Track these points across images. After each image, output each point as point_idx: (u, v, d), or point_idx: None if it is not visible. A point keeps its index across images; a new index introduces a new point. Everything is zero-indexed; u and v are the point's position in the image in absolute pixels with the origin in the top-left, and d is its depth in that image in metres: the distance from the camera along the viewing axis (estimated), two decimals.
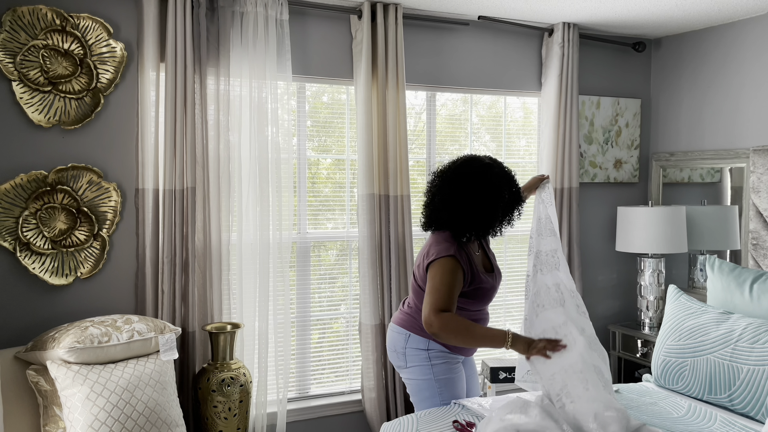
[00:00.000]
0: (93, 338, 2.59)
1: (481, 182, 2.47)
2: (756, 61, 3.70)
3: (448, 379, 2.61)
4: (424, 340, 2.59)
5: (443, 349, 2.60)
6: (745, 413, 2.58)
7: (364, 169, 3.44)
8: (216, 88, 3.16)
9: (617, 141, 4.25)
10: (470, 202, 2.46)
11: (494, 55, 3.88)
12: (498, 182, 2.49)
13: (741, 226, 3.78)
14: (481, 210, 2.47)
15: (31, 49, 2.83)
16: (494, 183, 2.48)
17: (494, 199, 2.47)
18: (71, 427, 2.50)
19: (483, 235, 2.54)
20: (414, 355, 2.61)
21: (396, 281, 3.48)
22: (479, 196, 2.46)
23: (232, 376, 2.99)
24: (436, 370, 2.59)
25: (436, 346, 2.59)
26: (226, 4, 3.15)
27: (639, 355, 3.92)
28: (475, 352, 2.77)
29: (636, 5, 3.50)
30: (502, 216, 2.53)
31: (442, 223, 2.53)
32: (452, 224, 2.49)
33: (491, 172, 2.50)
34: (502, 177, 2.51)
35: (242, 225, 3.22)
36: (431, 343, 2.58)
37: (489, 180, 2.48)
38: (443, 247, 2.46)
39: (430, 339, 2.58)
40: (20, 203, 2.84)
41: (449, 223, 2.50)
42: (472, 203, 2.46)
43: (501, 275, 2.70)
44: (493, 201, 2.47)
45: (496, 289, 2.65)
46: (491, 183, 2.48)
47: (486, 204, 2.47)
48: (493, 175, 2.50)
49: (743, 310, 2.87)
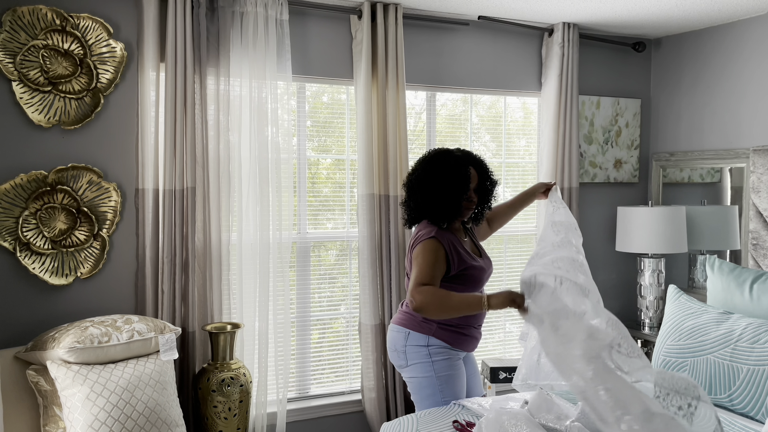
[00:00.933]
0: (93, 338, 2.59)
1: (438, 163, 2.63)
2: (756, 61, 3.70)
3: (449, 376, 2.62)
4: (423, 337, 2.61)
5: (444, 345, 2.61)
6: (745, 413, 2.58)
7: (364, 169, 3.44)
8: (216, 88, 3.16)
9: (617, 141, 4.26)
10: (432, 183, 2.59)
11: (494, 55, 3.88)
12: (455, 160, 2.62)
13: (741, 226, 3.78)
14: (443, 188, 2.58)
15: (31, 49, 2.83)
16: (451, 162, 2.62)
17: (454, 176, 2.59)
18: (71, 427, 2.50)
19: (455, 214, 2.62)
20: (414, 353, 2.62)
21: (396, 281, 3.48)
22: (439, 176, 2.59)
23: (232, 376, 2.99)
24: (437, 367, 2.60)
25: (436, 342, 2.60)
26: (226, 4, 3.15)
27: None
28: (476, 348, 2.78)
29: (636, 5, 3.50)
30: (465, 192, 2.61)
31: (418, 214, 2.66)
32: (424, 211, 2.62)
33: (448, 153, 2.66)
34: (459, 158, 2.65)
35: (242, 225, 3.22)
36: (431, 338, 2.60)
37: (446, 160, 2.63)
38: (424, 233, 2.59)
39: (430, 335, 2.60)
40: (20, 203, 2.84)
41: (422, 211, 2.63)
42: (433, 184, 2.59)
43: (491, 262, 2.79)
44: (453, 178, 2.59)
45: (487, 272, 2.72)
46: (448, 163, 2.62)
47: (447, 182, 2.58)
48: (449, 155, 2.65)
49: (743, 310, 2.87)
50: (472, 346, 2.72)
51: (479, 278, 2.66)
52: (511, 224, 4.06)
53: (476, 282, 2.65)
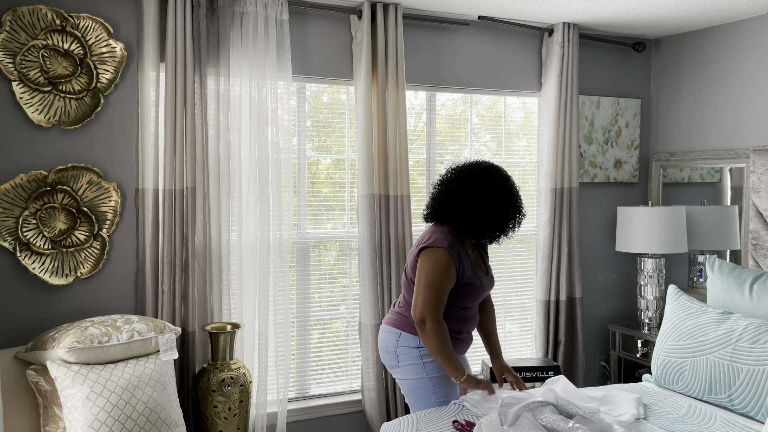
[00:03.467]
0: (93, 338, 2.59)
1: (500, 192, 2.58)
2: (756, 61, 3.70)
3: (441, 378, 2.61)
4: (415, 338, 2.61)
5: None
6: (745, 413, 2.58)
7: (364, 169, 3.44)
8: (216, 88, 3.17)
9: (617, 141, 4.26)
10: (485, 208, 2.54)
11: (494, 55, 3.88)
12: (513, 196, 2.61)
13: (741, 226, 3.78)
14: (493, 218, 2.56)
15: (31, 49, 2.83)
16: (511, 196, 2.60)
17: (507, 210, 2.57)
18: (71, 427, 2.50)
19: (483, 238, 2.62)
20: (406, 354, 2.62)
21: (396, 281, 3.48)
22: (496, 205, 2.56)
23: (232, 376, 2.99)
24: (428, 368, 2.60)
25: None
26: (226, 4, 3.15)
27: (639, 355, 3.92)
28: (467, 351, 2.79)
29: (636, 5, 3.50)
30: (506, 227, 2.61)
31: (448, 219, 2.59)
32: (459, 223, 2.56)
33: (509, 185, 2.62)
34: (515, 192, 2.63)
35: (242, 225, 3.22)
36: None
37: (508, 192, 2.59)
38: (440, 237, 2.54)
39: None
40: (20, 203, 2.84)
41: (457, 221, 2.57)
42: (486, 210, 2.54)
43: (493, 281, 2.76)
44: (505, 212, 2.57)
45: (486, 289, 2.70)
46: (509, 195, 2.59)
47: (498, 214, 2.56)
48: (511, 187, 2.62)
49: (743, 310, 2.87)
50: (464, 349, 2.72)
51: (477, 295, 2.65)
52: None
53: (472, 298, 2.64)
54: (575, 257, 3.96)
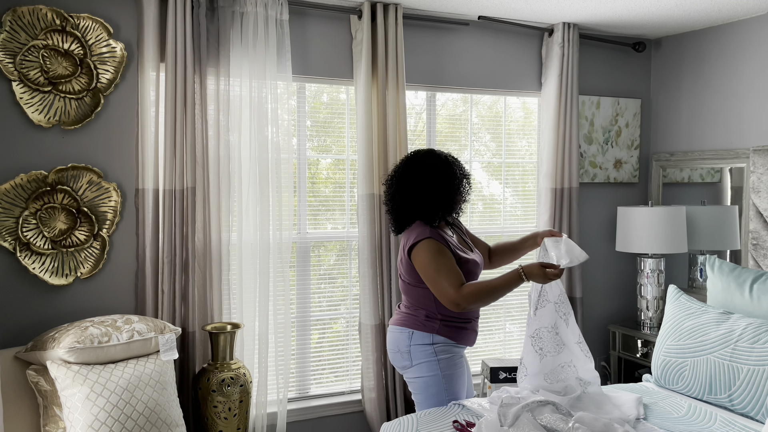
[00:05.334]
0: (93, 338, 2.59)
1: (430, 166, 2.63)
2: (756, 61, 3.70)
3: (453, 375, 2.63)
4: (428, 335, 2.61)
5: (448, 341, 2.62)
6: (745, 413, 2.58)
7: (364, 169, 3.44)
8: (216, 88, 3.17)
9: (617, 141, 4.26)
10: (427, 184, 2.61)
11: (494, 55, 3.88)
12: (444, 161, 2.66)
13: (741, 226, 3.78)
14: (438, 188, 2.61)
15: (31, 49, 2.83)
16: (441, 163, 2.65)
17: (446, 176, 2.63)
18: (71, 427, 2.50)
19: (448, 211, 2.67)
20: (420, 352, 2.62)
21: (396, 281, 3.48)
22: (432, 178, 2.61)
23: (232, 376, 2.99)
24: (442, 365, 2.61)
25: (441, 339, 2.61)
26: (226, 4, 3.15)
27: (639, 355, 3.92)
28: (475, 342, 2.80)
29: (636, 5, 3.50)
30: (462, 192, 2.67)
31: (409, 216, 2.65)
32: (418, 212, 2.62)
33: (434, 155, 2.67)
34: (444, 157, 2.68)
35: (242, 225, 3.22)
36: (435, 336, 2.61)
37: (436, 162, 2.64)
38: (418, 232, 2.58)
39: (434, 333, 2.61)
40: (20, 203, 2.84)
41: (415, 212, 2.63)
42: (429, 185, 2.61)
43: (481, 257, 2.79)
44: (446, 178, 2.63)
45: (480, 266, 2.72)
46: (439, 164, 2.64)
47: (440, 183, 2.61)
48: (436, 157, 2.66)
49: (743, 310, 2.87)
50: (473, 339, 2.72)
51: (474, 272, 2.66)
52: (511, 224, 4.06)
53: (472, 275, 2.65)
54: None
